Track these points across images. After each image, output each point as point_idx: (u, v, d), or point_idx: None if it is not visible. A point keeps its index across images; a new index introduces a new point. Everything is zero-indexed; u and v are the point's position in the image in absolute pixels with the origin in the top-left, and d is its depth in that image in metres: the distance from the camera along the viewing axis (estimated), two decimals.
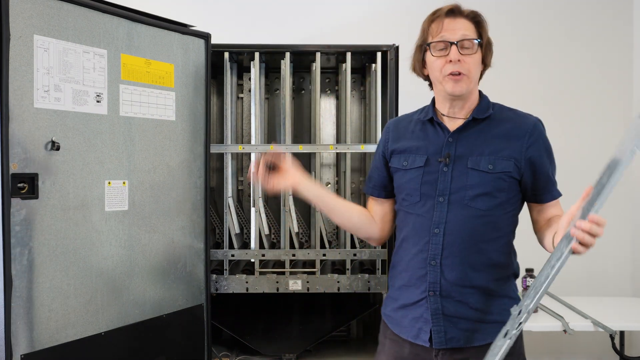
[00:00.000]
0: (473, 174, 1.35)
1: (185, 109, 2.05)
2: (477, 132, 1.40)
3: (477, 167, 1.36)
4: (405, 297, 1.42)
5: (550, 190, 1.45)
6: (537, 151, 1.42)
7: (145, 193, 1.91)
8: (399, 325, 1.44)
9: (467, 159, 1.37)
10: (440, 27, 1.37)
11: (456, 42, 1.34)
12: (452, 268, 1.35)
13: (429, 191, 1.38)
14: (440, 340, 1.36)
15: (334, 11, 2.97)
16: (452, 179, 1.37)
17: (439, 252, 1.35)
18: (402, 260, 1.44)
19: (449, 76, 1.35)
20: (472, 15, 1.40)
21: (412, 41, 1.50)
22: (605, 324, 2.27)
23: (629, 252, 3.06)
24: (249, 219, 2.42)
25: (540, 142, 1.43)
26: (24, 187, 1.55)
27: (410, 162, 1.43)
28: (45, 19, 1.60)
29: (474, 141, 1.39)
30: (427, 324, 1.37)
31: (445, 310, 1.36)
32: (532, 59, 3.04)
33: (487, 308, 1.36)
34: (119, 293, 1.82)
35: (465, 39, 1.35)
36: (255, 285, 2.27)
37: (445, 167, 1.38)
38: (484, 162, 1.36)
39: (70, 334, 1.68)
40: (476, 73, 1.40)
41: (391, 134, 1.51)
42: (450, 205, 1.36)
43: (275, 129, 2.73)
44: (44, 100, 1.60)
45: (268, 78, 2.69)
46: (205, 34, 2.12)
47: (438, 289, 1.36)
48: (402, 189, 1.44)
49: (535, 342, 3.05)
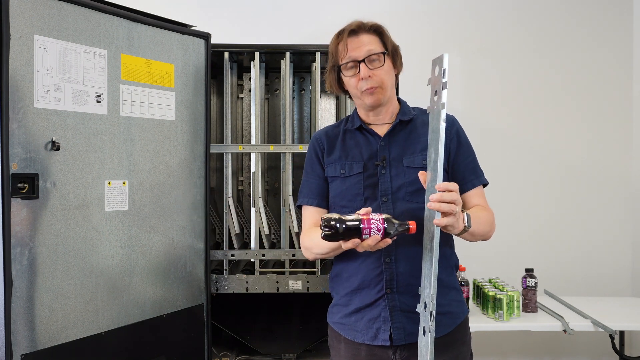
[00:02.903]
0: (410, 171, 1.42)
1: (185, 109, 2.05)
2: (405, 134, 1.49)
3: (412, 165, 1.44)
4: (357, 301, 1.45)
5: (470, 179, 1.49)
6: (455, 143, 1.49)
7: (145, 193, 1.91)
8: (353, 330, 1.46)
9: (401, 158, 1.45)
10: (346, 48, 1.44)
11: (363, 60, 1.41)
12: (406, 262, 1.40)
13: (371, 194, 1.44)
14: (400, 337, 1.39)
15: (334, 11, 2.97)
16: (391, 179, 1.44)
17: (393, 249, 1.40)
18: (349, 267, 1.47)
19: (364, 92, 1.44)
20: (373, 28, 1.47)
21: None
22: (605, 323, 2.27)
23: (629, 252, 3.06)
24: (249, 219, 2.42)
25: (455, 135, 1.50)
26: (24, 187, 1.55)
27: (348, 170, 1.48)
28: (45, 19, 1.60)
29: (405, 142, 1.47)
30: (386, 323, 1.40)
31: (403, 306, 1.40)
32: (533, 60, 3.05)
33: (441, 300, 1.40)
34: (119, 293, 1.82)
35: (371, 54, 1.42)
36: (255, 285, 2.27)
37: (383, 169, 1.45)
38: (418, 159, 1.44)
39: (71, 334, 1.68)
40: (389, 81, 1.46)
41: (324, 143, 1.55)
42: (395, 203, 1.42)
43: (275, 129, 2.73)
44: (44, 100, 1.60)
45: (268, 78, 2.69)
46: (205, 34, 2.12)
47: (395, 285, 1.40)
48: (343, 195, 1.47)
49: (535, 342, 3.05)
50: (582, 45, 3.05)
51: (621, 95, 3.06)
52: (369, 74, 1.41)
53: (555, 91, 3.05)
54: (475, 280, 2.55)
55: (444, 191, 1.18)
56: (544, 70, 3.05)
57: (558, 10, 3.05)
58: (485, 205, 1.48)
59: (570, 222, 3.05)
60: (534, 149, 3.05)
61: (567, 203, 3.06)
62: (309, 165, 1.56)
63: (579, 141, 3.06)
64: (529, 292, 2.45)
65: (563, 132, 3.06)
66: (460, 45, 3.02)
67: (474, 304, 2.52)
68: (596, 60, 3.05)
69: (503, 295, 2.30)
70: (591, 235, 3.06)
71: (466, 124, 3.22)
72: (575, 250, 3.05)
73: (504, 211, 3.05)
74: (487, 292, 2.37)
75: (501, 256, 3.01)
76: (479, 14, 3.01)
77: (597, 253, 3.06)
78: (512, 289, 2.41)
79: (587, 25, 3.05)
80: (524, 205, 3.04)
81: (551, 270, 2.96)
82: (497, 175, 3.05)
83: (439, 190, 1.18)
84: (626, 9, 3.06)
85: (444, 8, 3.00)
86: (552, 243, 3.05)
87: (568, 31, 3.05)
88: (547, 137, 3.05)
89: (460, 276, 2.36)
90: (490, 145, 3.04)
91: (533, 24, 3.04)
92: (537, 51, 3.04)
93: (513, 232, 3.04)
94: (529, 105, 3.06)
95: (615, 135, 3.07)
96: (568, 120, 3.06)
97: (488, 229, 1.42)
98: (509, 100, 3.05)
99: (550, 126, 3.06)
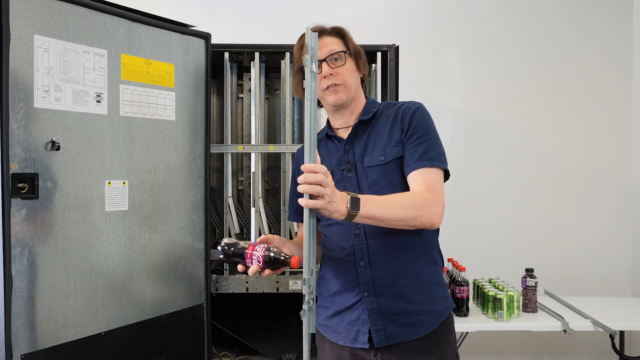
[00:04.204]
0: (371, 170, 1.42)
1: (185, 109, 2.05)
2: (367, 133, 1.48)
3: (372, 163, 1.42)
4: (338, 304, 1.45)
5: (410, 163, 1.38)
6: (406, 127, 1.42)
7: (145, 193, 1.91)
8: (335, 332, 1.46)
9: (363, 159, 1.44)
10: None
11: (325, 59, 1.43)
12: (380, 264, 1.39)
13: None
14: (380, 339, 1.38)
15: (334, 11, 2.97)
16: (358, 181, 1.43)
17: (365, 251, 1.40)
18: (330, 270, 1.48)
19: (327, 90, 1.44)
20: (335, 30, 1.48)
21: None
22: (605, 323, 2.27)
23: (629, 252, 3.06)
24: (249, 219, 2.42)
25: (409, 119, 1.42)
26: (24, 187, 1.55)
27: None
28: (45, 19, 1.60)
29: (366, 141, 1.46)
30: (364, 325, 1.40)
31: (382, 308, 1.39)
32: (533, 60, 3.05)
33: (421, 298, 1.40)
34: (119, 293, 1.82)
35: (332, 53, 1.43)
36: (255, 285, 2.27)
37: (349, 172, 1.45)
38: (377, 156, 1.42)
39: (71, 333, 1.68)
40: (352, 80, 1.46)
41: (301, 160, 1.58)
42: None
43: (275, 129, 2.73)
44: (44, 100, 1.60)
45: (268, 78, 2.69)
46: (205, 34, 2.12)
47: (371, 288, 1.40)
48: None
49: (535, 342, 3.05)
50: (582, 45, 3.05)
51: (621, 95, 3.06)
52: (331, 71, 1.42)
53: (556, 91, 3.05)
54: (475, 280, 2.55)
55: (309, 172, 1.14)
56: (544, 69, 3.05)
57: (558, 10, 3.05)
58: (423, 188, 1.34)
59: (571, 222, 3.06)
60: (535, 148, 3.05)
61: (567, 203, 3.06)
62: (292, 182, 1.62)
63: (580, 141, 3.06)
64: (529, 292, 2.45)
65: (563, 132, 3.06)
66: (460, 45, 3.02)
67: (474, 304, 2.52)
68: (596, 60, 3.05)
69: (503, 295, 2.30)
70: (591, 235, 3.06)
71: (466, 124, 3.23)
72: (575, 250, 3.05)
73: (504, 211, 3.06)
74: (487, 292, 2.37)
75: (501, 256, 3.02)
76: (478, 13, 3.01)
77: (597, 253, 3.06)
78: (512, 289, 2.41)
79: (588, 24, 3.05)
80: (524, 205, 3.04)
81: (551, 270, 2.96)
82: (497, 175, 3.06)
83: (304, 171, 1.15)
84: (626, 9, 3.06)
85: (443, 8, 3.00)
86: (552, 243, 3.05)
87: (568, 31, 3.05)
88: (547, 137, 3.05)
89: (460, 276, 2.36)
90: (491, 145, 3.05)
91: (533, 24, 3.04)
92: (537, 51, 3.04)
93: (513, 232, 3.05)
94: (529, 105, 3.06)
95: (615, 135, 3.07)
96: (568, 120, 3.06)
97: (406, 214, 1.27)
98: (509, 100, 3.05)
99: (551, 126, 3.06)
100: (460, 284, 2.34)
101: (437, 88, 2.97)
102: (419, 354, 1.39)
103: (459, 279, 2.35)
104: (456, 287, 2.35)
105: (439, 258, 1.50)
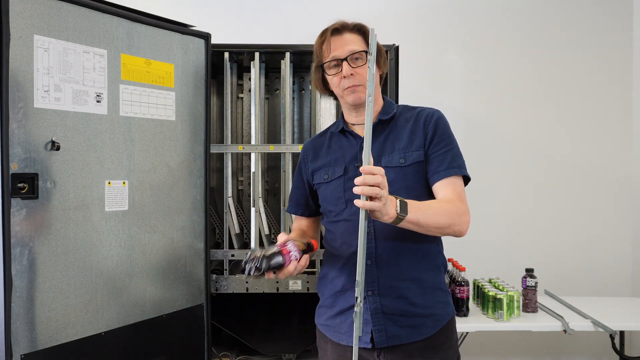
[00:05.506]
0: (388, 171, 1.37)
1: (185, 109, 2.05)
2: (386, 133, 1.47)
3: (390, 164, 1.41)
4: (341, 303, 1.45)
5: (438, 171, 1.42)
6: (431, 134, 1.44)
7: (145, 193, 1.91)
8: (337, 332, 1.46)
9: (380, 158, 1.43)
10: (329, 47, 1.44)
11: (346, 58, 1.42)
12: (387, 264, 1.40)
13: (352, 196, 1.40)
14: (381, 340, 1.38)
15: (334, 11, 2.96)
16: None
17: (373, 251, 1.40)
18: (333, 269, 1.48)
19: (346, 90, 1.44)
20: (357, 27, 1.47)
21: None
22: (605, 323, 2.26)
23: (629, 252, 3.06)
24: (249, 219, 2.42)
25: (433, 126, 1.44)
26: (24, 187, 1.55)
27: (331, 174, 1.49)
28: (45, 19, 1.60)
29: (384, 141, 1.46)
30: (367, 325, 1.40)
31: (385, 309, 1.39)
32: (533, 60, 3.05)
33: (424, 302, 1.40)
34: (119, 293, 1.82)
35: (353, 52, 1.42)
36: (255, 285, 2.27)
37: None
38: (396, 158, 1.42)
39: (71, 333, 1.68)
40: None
41: (309, 154, 1.58)
42: None
43: (275, 129, 2.73)
44: (44, 100, 1.60)
45: (268, 78, 2.69)
46: (205, 34, 2.12)
47: (376, 287, 1.40)
48: (328, 200, 1.49)
49: (535, 342, 3.05)
50: (582, 45, 3.05)
51: (621, 95, 3.06)
52: (351, 72, 1.41)
53: (556, 91, 3.05)
54: (475, 280, 2.55)
55: (368, 174, 1.14)
56: (544, 69, 3.05)
57: (558, 10, 3.05)
58: (454, 197, 1.38)
59: (571, 222, 3.06)
60: (535, 148, 3.05)
61: (567, 203, 3.06)
62: (297, 175, 1.63)
63: (580, 141, 3.06)
64: (529, 292, 2.45)
65: (564, 132, 3.06)
66: (459, 46, 3.02)
67: (474, 304, 2.52)
68: (597, 59, 3.05)
69: (503, 295, 2.30)
70: (591, 235, 3.06)
71: (467, 124, 3.23)
72: (576, 250, 3.05)
73: (505, 211, 3.06)
74: (487, 292, 2.37)
75: (501, 256, 3.02)
76: (478, 14, 3.01)
77: (597, 253, 3.06)
78: (512, 289, 2.41)
79: (588, 24, 3.05)
80: (524, 205, 3.04)
81: (551, 270, 2.96)
82: (497, 175, 3.06)
83: (363, 173, 1.14)
84: (626, 10, 3.06)
85: (443, 8, 3.00)
86: (552, 243, 3.05)
87: (568, 31, 3.05)
88: (548, 137, 3.05)
89: (460, 276, 2.36)
90: (491, 145, 3.04)
91: (533, 24, 3.04)
92: (537, 51, 3.04)
93: (513, 232, 3.05)
94: (528, 105, 3.06)
95: (615, 135, 3.07)
96: (569, 120, 3.06)
97: (444, 221, 1.31)
98: (509, 100, 3.05)
99: (551, 126, 3.06)
100: (460, 284, 2.34)
101: (437, 88, 2.97)
102: (423, 355, 1.39)
103: (459, 279, 2.35)
104: (456, 287, 2.35)
105: (442, 264, 1.50)
